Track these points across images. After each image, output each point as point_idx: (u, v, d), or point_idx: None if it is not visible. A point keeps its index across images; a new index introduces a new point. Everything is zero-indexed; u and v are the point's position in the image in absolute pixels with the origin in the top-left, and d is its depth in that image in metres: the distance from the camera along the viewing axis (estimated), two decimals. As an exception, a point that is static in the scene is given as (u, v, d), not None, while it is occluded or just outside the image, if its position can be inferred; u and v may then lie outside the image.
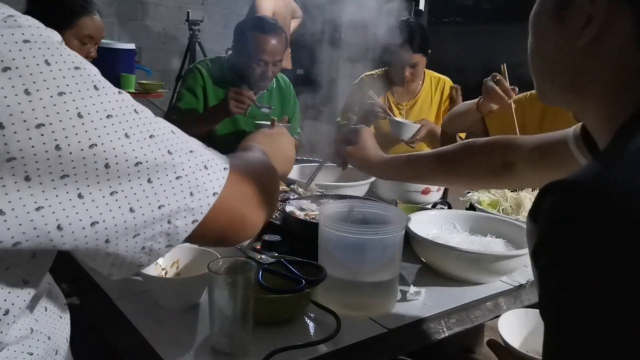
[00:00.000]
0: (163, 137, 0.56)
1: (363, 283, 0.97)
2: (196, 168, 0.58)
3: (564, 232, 0.44)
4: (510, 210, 1.37)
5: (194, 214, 0.57)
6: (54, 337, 0.65)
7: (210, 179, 0.59)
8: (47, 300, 0.66)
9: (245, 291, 0.82)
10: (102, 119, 0.50)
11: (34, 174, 0.47)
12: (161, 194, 0.55)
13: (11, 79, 0.45)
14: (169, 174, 0.55)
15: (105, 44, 3.46)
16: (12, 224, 0.47)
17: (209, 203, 0.58)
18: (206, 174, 0.59)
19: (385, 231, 0.95)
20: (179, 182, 0.56)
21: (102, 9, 1.90)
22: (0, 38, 0.46)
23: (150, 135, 0.54)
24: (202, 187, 0.58)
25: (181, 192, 0.56)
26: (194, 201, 0.57)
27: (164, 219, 0.55)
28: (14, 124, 0.45)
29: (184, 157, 0.57)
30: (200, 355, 0.83)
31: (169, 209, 0.55)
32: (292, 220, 1.19)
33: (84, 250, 0.52)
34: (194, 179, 0.57)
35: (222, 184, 0.60)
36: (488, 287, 1.11)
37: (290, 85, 2.42)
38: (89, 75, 0.50)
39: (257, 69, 2.11)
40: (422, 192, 1.58)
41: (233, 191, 0.61)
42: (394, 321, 0.96)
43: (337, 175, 1.74)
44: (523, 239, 1.19)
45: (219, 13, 4.83)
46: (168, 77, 4.43)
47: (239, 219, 0.64)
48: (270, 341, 0.85)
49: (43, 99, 0.47)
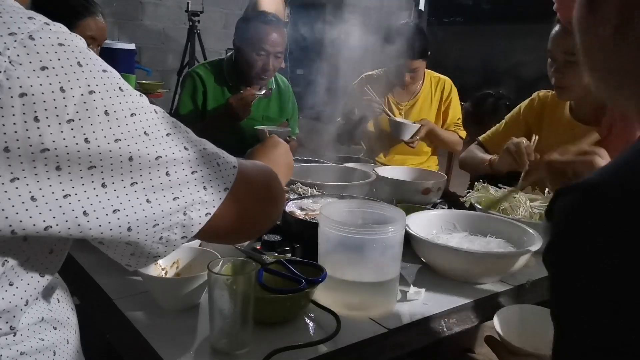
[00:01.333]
0: (179, 135, 0.61)
1: (363, 283, 0.97)
2: (210, 164, 0.62)
3: (580, 232, 0.44)
4: (510, 210, 1.37)
5: (207, 207, 0.61)
6: (65, 327, 0.68)
7: (222, 175, 0.63)
8: (59, 293, 0.70)
9: (245, 291, 0.82)
10: (127, 117, 0.55)
11: (64, 165, 0.51)
12: (176, 187, 0.59)
13: (49, 77, 0.50)
14: (185, 168, 0.60)
15: (105, 44, 3.44)
16: (44, 209, 0.51)
17: (221, 197, 0.62)
18: (218, 170, 0.63)
19: (385, 231, 0.95)
20: (194, 177, 0.60)
21: (102, 9, 1.90)
22: (40, 41, 0.50)
23: (167, 134, 0.59)
24: (214, 182, 0.62)
25: (195, 186, 0.60)
26: (207, 195, 0.61)
27: (180, 210, 0.59)
28: (48, 117, 0.50)
29: (199, 154, 0.62)
30: (200, 355, 0.83)
31: (184, 201, 0.60)
32: (292, 220, 1.19)
33: (109, 238, 0.57)
34: (207, 174, 0.62)
35: (232, 180, 0.64)
36: (488, 287, 1.11)
37: (289, 87, 2.43)
38: (114, 78, 0.56)
39: (259, 61, 2.11)
40: (422, 192, 1.58)
41: (242, 188, 0.65)
42: (394, 321, 0.96)
43: (337, 175, 1.74)
44: (523, 239, 1.19)
45: (219, 13, 4.83)
46: (168, 77, 4.44)
47: (248, 215, 0.68)
48: (270, 341, 0.85)
49: (75, 96, 0.51)
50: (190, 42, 4.19)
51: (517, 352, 0.83)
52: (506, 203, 1.39)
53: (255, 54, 2.10)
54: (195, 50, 4.21)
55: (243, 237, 0.72)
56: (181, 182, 0.59)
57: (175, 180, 0.59)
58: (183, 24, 4.45)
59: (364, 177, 1.63)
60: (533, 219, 1.33)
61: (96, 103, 0.52)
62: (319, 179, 1.66)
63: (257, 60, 2.11)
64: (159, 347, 0.83)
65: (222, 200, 0.62)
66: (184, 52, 4.23)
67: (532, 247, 1.12)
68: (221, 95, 2.20)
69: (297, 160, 1.94)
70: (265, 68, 2.12)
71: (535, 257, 1.17)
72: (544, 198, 1.42)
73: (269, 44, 2.10)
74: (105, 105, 0.53)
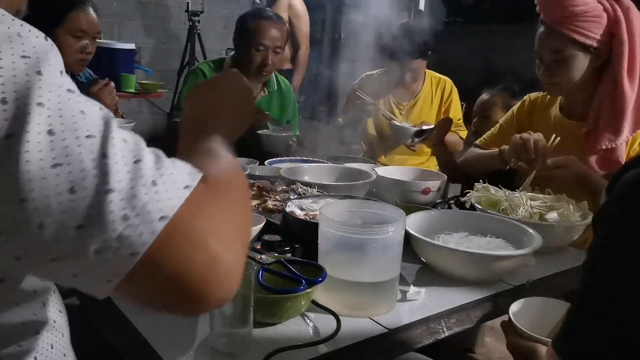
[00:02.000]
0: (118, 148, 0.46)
1: (363, 283, 0.97)
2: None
3: (630, 201, 0.53)
4: (510, 210, 1.37)
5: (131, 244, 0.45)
6: (50, 330, 0.65)
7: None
8: (45, 296, 0.65)
9: (245, 291, 0.82)
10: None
11: None
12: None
13: None
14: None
15: (105, 44, 3.47)
16: None
17: (154, 230, 0.45)
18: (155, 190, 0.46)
19: (385, 231, 0.95)
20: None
21: (102, 9, 1.90)
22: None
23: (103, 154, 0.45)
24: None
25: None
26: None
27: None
28: None
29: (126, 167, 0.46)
30: (200, 355, 0.83)
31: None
32: (292, 220, 1.19)
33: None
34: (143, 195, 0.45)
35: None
36: (488, 287, 1.11)
37: (290, 88, 2.45)
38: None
39: (258, 56, 2.13)
40: (422, 192, 1.58)
41: (194, 218, 0.47)
42: (394, 321, 0.96)
43: (337, 175, 1.74)
44: (523, 239, 1.19)
45: (219, 13, 4.83)
46: (168, 77, 4.43)
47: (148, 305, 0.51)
48: (270, 341, 0.85)
49: None
50: (190, 42, 4.19)
51: (525, 336, 0.84)
52: (506, 203, 1.39)
53: (254, 49, 2.12)
54: (195, 50, 4.21)
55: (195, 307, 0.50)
56: None
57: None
58: (183, 24, 4.45)
59: (364, 177, 1.63)
60: (533, 219, 1.33)
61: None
62: (319, 179, 1.66)
63: (256, 55, 2.13)
64: (159, 347, 0.83)
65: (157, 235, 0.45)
66: (184, 52, 4.22)
67: (532, 247, 1.12)
68: None
69: (297, 160, 1.94)
70: (265, 63, 2.14)
71: (535, 257, 1.17)
72: (544, 198, 1.42)
73: (268, 38, 2.12)
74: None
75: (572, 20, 1.49)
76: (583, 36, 1.49)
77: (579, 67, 1.54)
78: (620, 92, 1.50)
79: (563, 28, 1.49)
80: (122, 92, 3.50)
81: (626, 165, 0.56)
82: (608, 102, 1.54)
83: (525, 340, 0.83)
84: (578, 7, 1.47)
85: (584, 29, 1.48)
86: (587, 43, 1.50)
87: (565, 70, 1.55)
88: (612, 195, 0.56)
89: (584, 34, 1.49)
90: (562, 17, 1.49)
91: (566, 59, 1.53)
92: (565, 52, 1.52)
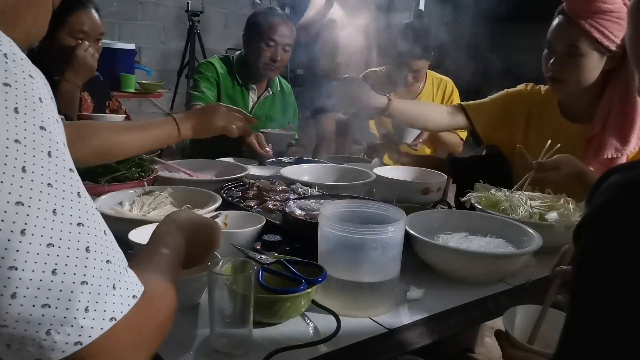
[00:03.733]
0: (91, 231, 0.51)
1: (363, 283, 0.97)
2: (103, 282, 0.51)
3: (621, 205, 0.49)
4: (510, 210, 1.37)
5: (80, 333, 0.49)
6: None
7: (113, 301, 0.52)
8: None
9: (245, 291, 0.82)
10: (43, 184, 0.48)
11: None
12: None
13: None
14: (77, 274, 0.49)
15: (105, 44, 3.45)
16: None
17: (102, 327, 0.50)
18: (112, 293, 0.52)
19: (385, 231, 0.95)
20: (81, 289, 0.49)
21: (102, 9, 1.90)
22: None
23: (78, 223, 0.50)
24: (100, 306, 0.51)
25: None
26: (85, 318, 0.49)
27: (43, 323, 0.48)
28: None
29: (97, 263, 0.51)
30: (200, 355, 0.83)
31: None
32: (292, 220, 1.19)
33: None
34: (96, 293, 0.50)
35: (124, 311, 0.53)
36: (488, 287, 1.11)
37: (292, 91, 2.48)
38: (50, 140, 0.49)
39: (267, 51, 2.16)
40: (422, 192, 1.58)
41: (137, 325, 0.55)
42: (394, 321, 0.96)
43: (337, 175, 1.74)
44: (523, 239, 1.19)
45: (219, 13, 4.83)
46: (168, 77, 4.44)
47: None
48: (270, 341, 0.85)
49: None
50: (190, 42, 4.20)
51: (520, 347, 0.83)
52: (506, 203, 1.39)
53: (264, 44, 2.16)
54: (195, 50, 4.22)
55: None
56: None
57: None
58: (183, 24, 4.46)
59: (364, 177, 1.63)
60: (533, 219, 1.33)
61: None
62: (319, 179, 1.66)
63: (266, 50, 2.16)
64: (159, 347, 0.83)
65: (103, 332, 0.51)
66: (184, 52, 4.23)
67: (532, 247, 1.12)
68: (231, 88, 2.25)
69: (297, 160, 1.95)
70: (274, 58, 2.18)
71: (535, 257, 1.17)
72: (544, 198, 1.42)
73: (278, 34, 2.16)
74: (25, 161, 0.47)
75: (595, 17, 1.43)
76: (602, 35, 1.44)
77: (590, 68, 1.49)
78: (632, 100, 1.47)
79: (585, 22, 1.44)
80: (122, 92, 3.50)
81: (605, 175, 0.52)
82: (618, 108, 1.49)
83: (521, 351, 0.82)
84: (605, 5, 1.42)
85: (605, 28, 1.43)
86: (604, 43, 1.45)
87: (575, 67, 1.49)
88: (595, 204, 0.52)
89: (604, 33, 1.44)
90: (587, 10, 1.43)
91: (580, 55, 1.47)
92: (581, 47, 1.46)
